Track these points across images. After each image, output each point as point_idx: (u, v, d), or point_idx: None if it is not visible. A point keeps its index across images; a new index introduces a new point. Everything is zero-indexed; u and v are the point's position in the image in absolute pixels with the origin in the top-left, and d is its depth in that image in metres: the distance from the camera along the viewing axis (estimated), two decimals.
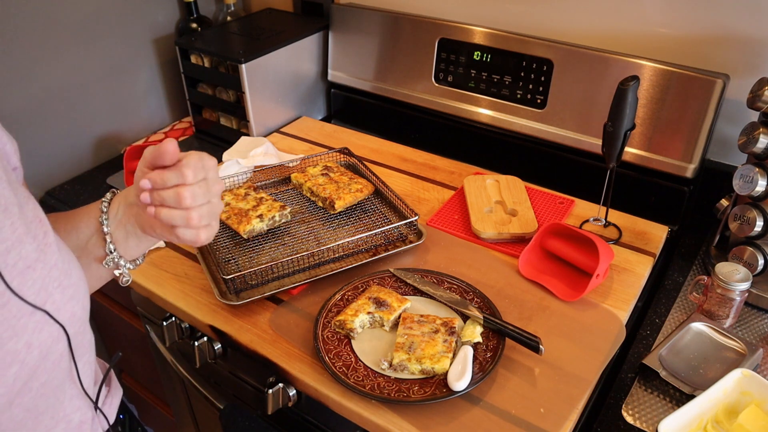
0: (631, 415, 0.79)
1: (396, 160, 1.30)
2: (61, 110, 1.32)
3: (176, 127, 1.55)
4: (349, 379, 0.79)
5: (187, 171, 0.57)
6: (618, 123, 0.93)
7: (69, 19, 1.28)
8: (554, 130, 1.20)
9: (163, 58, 1.50)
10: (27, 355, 0.49)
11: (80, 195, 1.31)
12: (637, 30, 1.12)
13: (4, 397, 0.48)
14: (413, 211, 1.02)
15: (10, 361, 0.47)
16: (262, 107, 1.39)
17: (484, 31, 1.23)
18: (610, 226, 1.08)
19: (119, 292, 1.31)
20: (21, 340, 0.48)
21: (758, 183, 0.89)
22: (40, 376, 0.51)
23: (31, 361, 0.49)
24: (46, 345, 0.50)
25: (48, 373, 0.52)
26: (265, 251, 1.01)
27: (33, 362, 0.49)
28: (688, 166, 1.08)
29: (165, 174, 0.57)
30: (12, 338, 0.47)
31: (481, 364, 0.81)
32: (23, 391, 0.50)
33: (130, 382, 1.63)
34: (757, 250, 0.92)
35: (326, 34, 1.46)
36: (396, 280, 0.96)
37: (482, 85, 1.27)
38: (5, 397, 0.48)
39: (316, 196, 1.11)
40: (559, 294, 0.93)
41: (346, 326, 0.85)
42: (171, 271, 1.01)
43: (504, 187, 1.15)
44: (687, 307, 0.96)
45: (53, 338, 0.51)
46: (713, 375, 0.81)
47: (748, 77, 1.03)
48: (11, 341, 0.47)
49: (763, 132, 0.88)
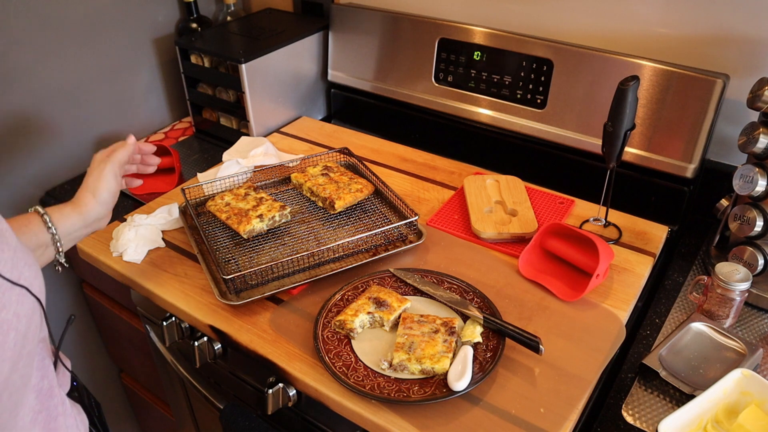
0: (631, 415, 0.79)
1: (396, 160, 1.30)
2: (61, 110, 1.32)
3: (176, 127, 1.55)
4: (349, 379, 0.79)
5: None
6: (618, 123, 0.93)
7: (69, 19, 1.28)
8: (554, 130, 1.21)
9: (163, 58, 1.50)
10: (18, 323, 0.54)
11: None
12: (637, 30, 1.13)
13: (9, 362, 0.53)
14: (413, 211, 1.02)
15: (7, 329, 0.53)
16: (262, 107, 1.39)
17: (484, 31, 1.23)
18: (610, 226, 1.08)
19: (119, 292, 1.31)
20: (10, 311, 0.53)
21: (758, 183, 0.89)
22: (27, 345, 0.56)
23: (22, 328, 0.54)
24: (27, 315, 0.56)
25: (31, 343, 0.58)
26: (265, 251, 1.01)
27: (23, 330, 0.55)
28: (688, 166, 1.08)
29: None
30: (3, 309, 0.53)
31: (481, 364, 0.81)
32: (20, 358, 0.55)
33: (130, 382, 1.63)
34: (757, 250, 0.92)
35: (326, 34, 1.46)
36: (396, 280, 0.96)
37: (482, 85, 1.27)
38: (9, 362, 0.53)
39: (316, 196, 1.11)
40: (559, 294, 0.93)
41: (346, 326, 0.85)
42: (171, 271, 1.01)
43: (504, 187, 1.15)
44: (687, 307, 0.96)
45: (32, 309, 0.57)
46: (713, 375, 0.81)
47: (748, 77, 1.03)
48: (3, 311, 0.53)
49: (763, 132, 0.88)
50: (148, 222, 1.08)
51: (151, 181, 1.31)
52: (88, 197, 0.88)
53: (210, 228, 1.06)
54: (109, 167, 0.91)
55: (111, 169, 0.91)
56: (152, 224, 1.08)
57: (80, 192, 0.90)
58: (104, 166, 0.91)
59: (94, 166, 0.91)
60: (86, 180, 0.91)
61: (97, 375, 1.62)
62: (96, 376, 1.62)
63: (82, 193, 0.89)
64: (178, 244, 1.07)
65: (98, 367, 1.62)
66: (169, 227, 1.10)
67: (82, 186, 0.91)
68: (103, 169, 0.90)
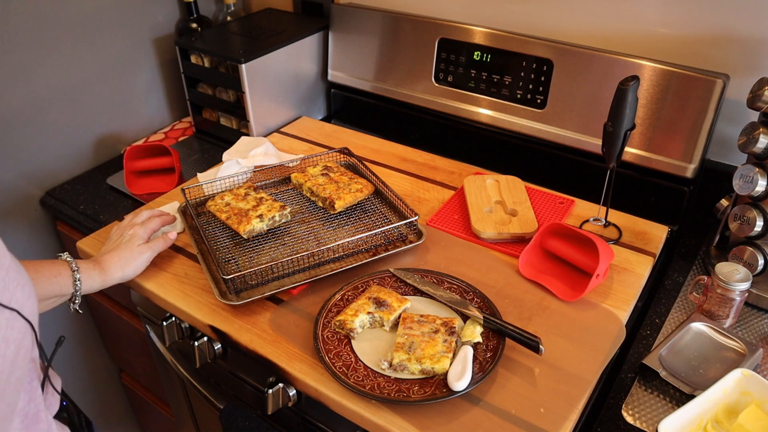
0: (631, 415, 0.79)
1: (396, 160, 1.30)
2: (61, 110, 1.32)
3: (176, 127, 1.55)
4: (349, 379, 0.79)
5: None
6: (618, 123, 0.93)
7: (69, 18, 1.28)
8: (554, 130, 1.21)
9: (163, 58, 1.50)
10: (6, 349, 0.52)
11: (80, 195, 1.31)
12: (638, 30, 1.13)
13: None
14: (413, 211, 1.02)
15: None
16: (262, 107, 1.39)
17: (484, 31, 1.23)
18: (610, 226, 1.08)
19: (119, 292, 1.31)
20: None
21: (758, 183, 0.89)
22: (15, 371, 0.54)
23: (10, 355, 0.52)
24: (17, 340, 0.54)
25: (20, 368, 0.55)
26: (265, 251, 1.01)
27: (11, 356, 0.53)
28: (688, 166, 1.08)
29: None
30: None
31: (481, 364, 0.81)
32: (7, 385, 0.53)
33: (130, 382, 1.63)
34: (757, 250, 0.92)
35: (326, 34, 1.46)
36: (396, 280, 0.96)
37: (482, 85, 1.27)
38: None
39: (316, 196, 1.11)
40: (559, 294, 0.93)
41: (346, 326, 0.85)
42: (171, 271, 1.01)
43: (504, 187, 1.15)
44: (687, 307, 0.96)
45: (22, 333, 0.55)
46: (713, 375, 0.81)
47: (748, 77, 1.03)
48: None
49: (763, 132, 0.88)
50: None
51: (151, 181, 1.31)
52: (117, 270, 0.91)
53: (210, 228, 1.06)
54: (148, 255, 0.96)
55: (150, 257, 0.96)
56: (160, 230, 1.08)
57: (110, 258, 0.92)
58: (146, 252, 0.95)
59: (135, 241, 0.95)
60: (120, 249, 0.93)
61: (97, 375, 1.62)
62: (96, 376, 1.62)
63: (112, 261, 0.92)
64: (178, 244, 1.07)
65: (98, 367, 1.62)
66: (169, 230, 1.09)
67: (113, 251, 0.93)
68: (143, 254, 0.95)
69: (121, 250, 0.93)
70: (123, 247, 0.94)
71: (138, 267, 0.94)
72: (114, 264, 0.91)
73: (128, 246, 0.94)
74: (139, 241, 0.95)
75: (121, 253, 0.93)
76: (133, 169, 1.31)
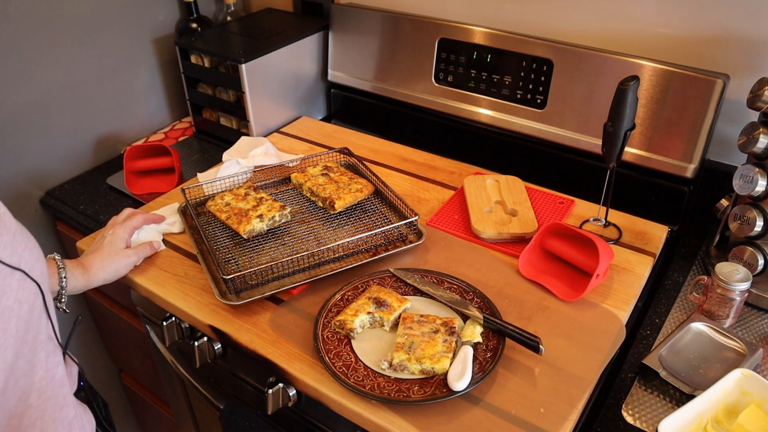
0: (631, 415, 0.79)
1: (396, 160, 1.30)
2: (61, 110, 1.32)
3: (176, 127, 1.55)
4: (349, 379, 0.79)
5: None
6: (618, 123, 0.93)
7: (69, 18, 1.28)
8: (554, 130, 1.21)
9: (163, 58, 1.50)
10: (19, 309, 0.54)
11: (80, 195, 1.31)
12: (638, 30, 1.13)
13: (11, 348, 0.53)
14: (413, 211, 1.02)
15: (9, 316, 0.53)
16: (262, 107, 1.39)
17: (484, 31, 1.23)
18: (610, 226, 1.08)
19: (119, 292, 1.31)
20: (11, 297, 0.53)
21: (758, 183, 0.89)
22: (31, 330, 0.56)
23: (24, 314, 0.54)
24: (29, 301, 0.56)
25: (35, 328, 0.57)
26: (265, 251, 1.01)
27: (25, 316, 0.55)
28: (688, 166, 1.08)
29: None
30: (3, 296, 0.52)
31: (481, 364, 0.81)
32: (23, 344, 0.55)
33: (130, 382, 1.63)
34: (757, 250, 0.92)
35: (326, 34, 1.46)
36: (396, 280, 0.96)
37: (482, 85, 1.27)
38: (12, 348, 0.53)
39: (316, 196, 1.11)
40: (559, 294, 0.93)
41: (346, 326, 0.85)
42: (171, 271, 1.01)
43: (504, 187, 1.15)
44: (687, 307, 0.96)
45: (33, 294, 0.57)
46: (713, 375, 0.81)
47: (748, 77, 1.03)
48: (4, 298, 0.52)
49: (763, 132, 0.88)
50: (151, 227, 1.08)
51: (151, 181, 1.31)
52: (99, 271, 0.92)
53: (210, 228, 1.06)
54: (133, 260, 0.97)
55: (134, 263, 0.98)
56: (153, 229, 1.08)
57: (92, 260, 0.92)
58: (131, 257, 0.97)
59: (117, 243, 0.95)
60: (102, 251, 0.94)
61: (97, 375, 1.62)
62: (96, 376, 1.62)
63: (95, 262, 0.92)
64: (178, 244, 1.07)
65: (98, 367, 1.62)
66: (168, 231, 1.09)
67: (95, 252, 0.94)
68: (129, 258, 0.96)
69: (104, 252, 0.94)
70: (106, 249, 0.94)
71: (120, 270, 0.95)
72: (96, 265, 0.92)
73: (111, 248, 0.95)
74: (120, 242, 0.96)
75: (104, 255, 0.93)
76: (133, 169, 1.31)
